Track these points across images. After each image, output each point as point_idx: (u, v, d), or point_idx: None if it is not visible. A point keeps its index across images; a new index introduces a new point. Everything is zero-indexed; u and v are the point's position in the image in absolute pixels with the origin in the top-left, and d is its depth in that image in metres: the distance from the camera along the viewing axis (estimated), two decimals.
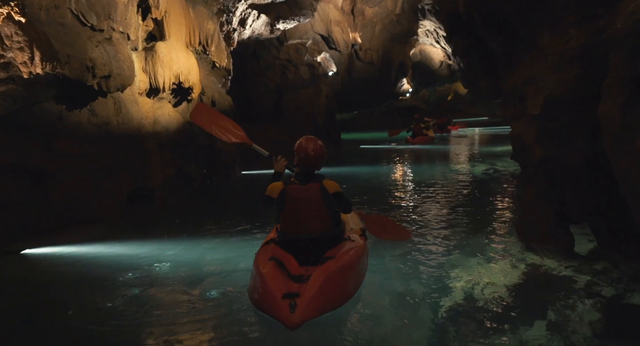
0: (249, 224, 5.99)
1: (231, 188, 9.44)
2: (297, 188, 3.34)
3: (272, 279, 2.92)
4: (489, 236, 5.07)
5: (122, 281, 4.10)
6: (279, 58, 15.16)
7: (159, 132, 6.85)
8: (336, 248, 3.32)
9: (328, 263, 3.06)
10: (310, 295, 2.78)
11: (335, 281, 2.97)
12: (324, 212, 3.36)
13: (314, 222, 3.34)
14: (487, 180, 8.95)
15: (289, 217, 3.37)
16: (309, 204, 3.32)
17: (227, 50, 10.08)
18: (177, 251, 4.91)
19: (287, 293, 2.81)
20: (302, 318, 2.68)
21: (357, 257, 3.34)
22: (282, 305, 2.73)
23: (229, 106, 10.24)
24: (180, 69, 7.00)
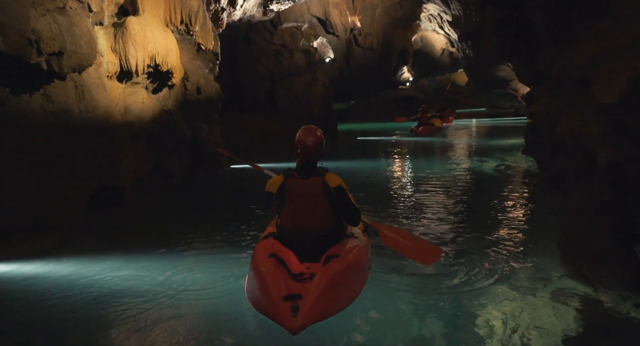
0: (237, 230, 5.13)
1: (218, 184, 8.54)
2: (298, 182, 3.15)
3: (272, 279, 2.73)
4: (520, 254, 4.22)
5: (74, 314, 3.23)
6: (273, 43, 14.17)
7: (131, 122, 5.92)
8: (339, 245, 3.15)
9: (332, 263, 2.88)
10: (314, 297, 2.58)
11: (339, 282, 2.78)
12: (326, 208, 3.16)
13: (315, 217, 3.16)
14: (500, 179, 8.10)
15: (289, 212, 3.19)
16: (310, 199, 3.14)
17: (215, 31, 9.10)
18: (147, 269, 4.02)
19: (289, 294, 2.60)
20: (304, 321, 2.48)
21: (361, 255, 3.18)
22: (283, 307, 2.54)
23: (217, 94, 9.29)
24: (157, 49, 6.05)
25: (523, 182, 7.42)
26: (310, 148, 3.18)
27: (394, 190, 7.30)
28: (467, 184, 7.58)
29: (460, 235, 4.88)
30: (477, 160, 10.45)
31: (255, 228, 5.20)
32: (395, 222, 5.34)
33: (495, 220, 5.38)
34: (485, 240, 4.68)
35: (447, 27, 15.79)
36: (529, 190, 6.89)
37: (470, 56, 14.47)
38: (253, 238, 4.86)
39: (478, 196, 6.73)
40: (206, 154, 8.77)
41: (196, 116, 8.74)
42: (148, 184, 6.37)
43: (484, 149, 12.43)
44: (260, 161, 10.83)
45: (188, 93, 8.41)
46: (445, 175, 8.44)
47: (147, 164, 6.26)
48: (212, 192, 7.96)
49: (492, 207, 5.99)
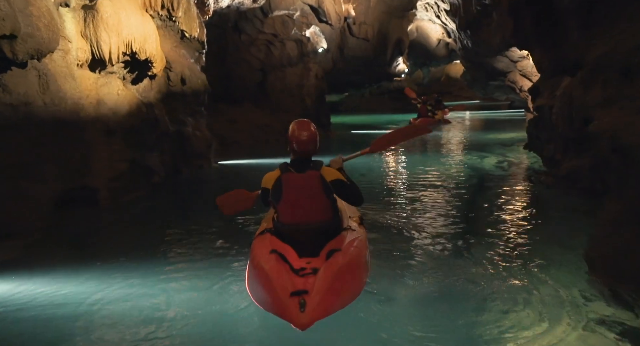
0: (226, 232, 4.65)
1: (204, 182, 8.00)
2: (294, 176, 3.11)
3: (277, 276, 2.67)
4: (537, 268, 3.75)
5: (30, 341, 2.74)
6: (263, 32, 13.53)
7: (104, 116, 5.36)
8: (338, 239, 3.09)
9: (335, 257, 2.82)
10: (321, 292, 2.52)
11: (345, 276, 2.74)
12: (324, 201, 3.13)
13: (313, 211, 3.13)
14: (504, 177, 7.63)
15: (286, 207, 3.14)
16: (307, 193, 3.10)
17: (200, 18, 8.50)
18: (124, 284, 3.51)
19: (295, 290, 2.54)
20: (313, 316, 2.44)
21: (362, 248, 3.15)
22: (290, 303, 2.48)
23: (203, 85, 8.72)
24: (133, 35, 5.48)
25: (529, 180, 6.96)
26: (306, 143, 3.13)
27: (392, 190, 6.81)
28: (469, 183, 7.10)
29: (466, 242, 4.41)
30: (476, 155, 9.99)
31: (246, 229, 4.72)
32: (396, 228, 4.86)
33: (503, 226, 4.91)
34: (494, 249, 4.21)
35: (444, 16, 15.23)
36: (537, 190, 6.43)
37: (468, 46, 13.93)
38: (245, 241, 4.36)
39: (482, 197, 6.26)
40: (191, 149, 8.23)
41: (180, 109, 8.18)
42: (126, 183, 5.82)
43: (483, 144, 11.98)
44: (251, 155, 10.30)
45: (171, 84, 7.85)
46: (444, 173, 7.96)
47: (124, 162, 5.71)
48: (197, 190, 7.42)
49: (499, 210, 5.53)
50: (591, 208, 5.24)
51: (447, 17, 15.09)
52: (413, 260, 3.97)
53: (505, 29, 4.69)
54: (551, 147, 6.89)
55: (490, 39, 10.96)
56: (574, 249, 4.12)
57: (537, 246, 4.29)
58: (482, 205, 5.78)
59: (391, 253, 4.12)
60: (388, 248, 4.29)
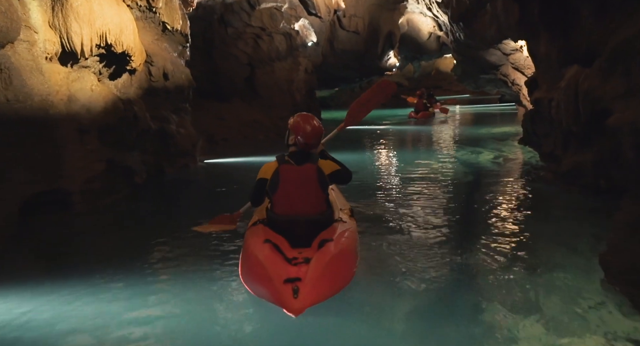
0: (213, 238, 4.29)
1: (190, 182, 7.64)
2: (292, 168, 3.20)
3: (270, 263, 2.76)
4: (544, 272, 3.48)
5: None
6: (251, 25, 13.13)
7: (77, 113, 4.97)
8: (329, 230, 3.18)
9: (327, 246, 2.92)
10: (314, 280, 2.63)
11: (336, 265, 2.85)
12: (319, 195, 3.24)
13: (308, 203, 3.22)
14: (501, 173, 7.36)
15: (282, 198, 3.21)
16: (303, 185, 3.19)
17: (183, 9, 8.10)
18: (98, 302, 3.15)
19: (289, 278, 2.64)
20: (305, 302, 2.53)
21: (352, 239, 3.23)
22: (284, 290, 2.58)
23: (187, 80, 8.33)
24: (107, 26, 5.09)
25: (528, 177, 6.70)
26: (311, 136, 3.20)
27: (384, 189, 6.49)
28: (464, 181, 6.82)
29: (464, 244, 4.13)
30: (470, 151, 9.73)
31: (235, 233, 4.38)
32: (389, 231, 4.56)
33: (502, 225, 4.63)
34: (494, 251, 3.93)
35: (436, 9, 14.93)
36: (537, 186, 6.16)
37: (460, 39, 13.65)
38: (236, 246, 4.05)
39: (479, 195, 5.98)
40: (175, 148, 7.85)
41: (163, 106, 7.79)
42: (103, 185, 5.45)
43: (476, 139, 11.73)
44: (239, 152, 9.94)
45: (153, 79, 7.45)
46: (439, 170, 7.68)
47: (101, 162, 5.34)
48: (182, 190, 7.07)
49: (497, 209, 5.25)
50: (595, 206, 5.01)
51: (439, 10, 14.79)
52: (406, 266, 3.67)
53: (509, 16, 4.44)
54: (550, 142, 6.63)
55: (484, 30, 10.68)
56: (581, 252, 3.87)
57: (541, 248, 4.01)
58: (479, 204, 5.50)
59: (385, 260, 3.83)
60: (382, 252, 4.00)
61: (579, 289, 3.14)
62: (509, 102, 21.47)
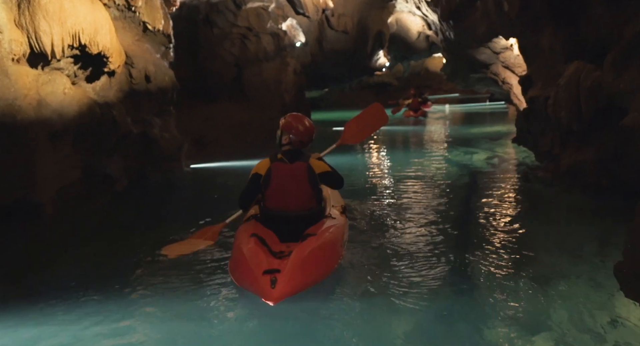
0: (198, 253, 3.99)
1: (175, 188, 7.33)
2: (284, 165, 3.38)
3: (252, 256, 2.95)
4: (549, 281, 3.26)
5: None
6: (237, 25, 12.82)
7: (48, 119, 4.65)
8: (317, 225, 3.34)
9: (309, 240, 3.10)
10: (291, 271, 2.80)
11: (315, 258, 3.00)
12: (309, 191, 3.41)
13: (298, 199, 3.39)
14: (497, 174, 7.16)
15: (273, 194, 3.40)
16: (294, 182, 3.37)
17: (165, 9, 7.79)
18: (68, 331, 2.82)
19: (268, 269, 2.82)
20: (282, 293, 2.71)
21: (336, 234, 3.39)
22: (262, 280, 2.76)
23: (170, 82, 8.00)
24: (80, 25, 4.78)
25: (525, 177, 6.48)
26: (303, 134, 3.40)
27: (376, 192, 6.23)
28: (459, 182, 6.59)
29: (461, 251, 3.89)
30: (463, 151, 9.53)
31: (226, 241, 4.10)
32: (383, 239, 4.30)
33: (501, 230, 4.41)
34: (493, 258, 3.72)
35: (425, 7, 14.75)
36: (535, 187, 5.96)
37: (450, 38, 13.48)
38: (222, 260, 3.78)
39: (475, 197, 5.76)
40: (159, 152, 7.52)
41: (145, 108, 7.46)
42: (79, 193, 5.14)
43: (468, 138, 11.55)
44: (228, 154, 9.64)
45: (134, 81, 7.12)
46: (432, 172, 7.46)
47: (76, 169, 5.02)
48: (166, 197, 6.77)
49: (495, 212, 5.03)
50: (598, 207, 4.80)
51: (428, 8, 14.62)
52: (402, 276, 3.43)
53: (500, 12, 4.24)
54: (547, 141, 6.44)
55: (474, 28, 10.49)
56: (589, 259, 3.64)
57: (544, 255, 3.79)
58: (476, 208, 5.28)
59: (379, 270, 3.57)
60: (376, 262, 3.76)
61: (592, 302, 2.91)
62: (499, 101, 21.44)
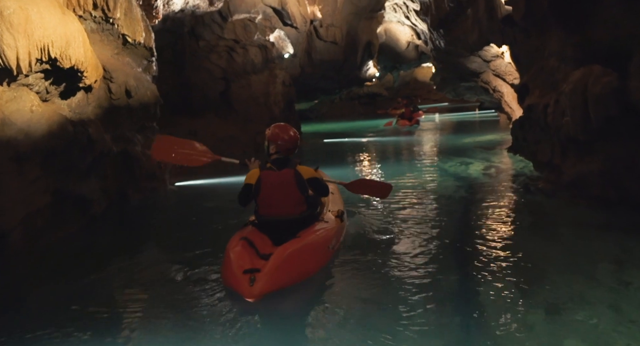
0: (188, 276, 3.62)
1: (157, 208, 6.95)
2: (272, 173, 3.59)
3: (236, 257, 3.19)
4: (566, 310, 2.93)
5: None
6: (223, 38, 12.56)
7: (12, 139, 4.28)
8: (308, 228, 3.56)
9: (291, 242, 3.32)
10: (268, 270, 3.02)
11: (294, 259, 3.20)
12: (298, 196, 3.60)
13: (287, 204, 3.59)
14: (495, 186, 6.87)
15: (265, 200, 3.61)
16: (283, 188, 3.57)
17: (146, 21, 7.48)
18: None
19: (248, 268, 3.05)
20: (260, 290, 2.91)
21: (324, 237, 3.59)
22: (242, 279, 2.99)
23: (153, 97, 7.67)
24: (50, 38, 4.45)
25: (525, 189, 6.20)
26: (288, 143, 3.64)
27: (370, 207, 5.89)
28: (458, 196, 6.27)
29: (464, 275, 3.57)
30: (459, 162, 9.26)
31: (213, 267, 3.74)
32: (378, 258, 3.97)
33: (506, 248, 4.09)
34: (502, 283, 3.39)
35: (414, 17, 14.64)
36: (537, 199, 5.66)
37: (440, 47, 13.35)
38: (209, 292, 3.42)
39: (475, 212, 5.45)
40: (140, 171, 7.15)
41: (126, 125, 7.11)
42: (49, 219, 4.75)
43: (462, 148, 11.31)
44: (216, 170, 9.26)
45: (114, 97, 6.78)
46: (428, 184, 7.16)
47: (46, 193, 4.63)
48: (149, 219, 6.38)
49: (497, 228, 4.72)
50: (607, 221, 4.50)
51: (417, 18, 14.52)
52: (399, 303, 3.09)
53: (517, 7, 4.03)
54: (546, 150, 6.18)
55: (465, 36, 10.35)
56: (603, 281, 3.33)
57: (554, 277, 3.47)
58: (475, 222, 4.97)
59: (373, 295, 3.23)
60: (370, 282, 3.43)
61: (617, 333, 2.58)
62: (488, 109, 21.39)
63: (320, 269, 3.46)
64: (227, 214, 5.84)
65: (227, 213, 5.88)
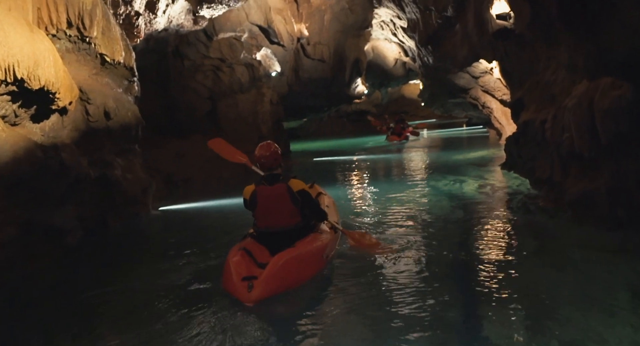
0: (172, 329, 3.24)
1: (139, 235, 6.55)
2: (266, 188, 3.86)
3: (235, 265, 3.50)
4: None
5: None
6: (209, 57, 12.36)
7: None
8: (303, 239, 3.82)
9: (286, 251, 3.59)
10: (265, 277, 3.34)
11: (289, 267, 3.49)
12: (291, 208, 3.84)
13: (282, 217, 3.85)
14: (493, 206, 6.57)
15: (260, 214, 3.89)
16: (277, 201, 3.82)
17: (126, 40, 7.21)
18: None
19: (247, 276, 3.38)
20: (257, 296, 3.26)
21: (317, 247, 3.86)
22: (241, 285, 3.34)
23: (134, 118, 7.36)
24: (16, 58, 4.13)
25: (525, 208, 5.92)
26: (268, 160, 3.89)
27: (365, 228, 5.57)
28: (455, 218, 5.93)
29: (467, 307, 3.26)
30: (452, 180, 8.99)
31: (198, 297, 3.39)
32: (372, 285, 3.64)
33: (514, 277, 3.79)
34: (516, 316, 3.09)
35: (402, 34, 14.61)
36: (539, 220, 5.38)
37: (428, 63, 13.27)
38: (202, 327, 3.07)
39: (476, 236, 5.15)
40: (121, 196, 6.77)
41: (105, 148, 6.77)
42: (16, 253, 4.35)
43: (454, 165, 11.08)
44: (202, 192, 8.90)
45: (92, 119, 6.46)
46: (424, 205, 6.87)
47: (11, 225, 4.25)
48: (129, 247, 5.95)
49: (502, 253, 4.42)
50: (618, 243, 4.22)
51: (405, 35, 14.49)
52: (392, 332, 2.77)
53: (521, 15, 3.86)
54: (545, 166, 5.95)
55: (455, 51, 10.24)
56: (626, 317, 3.03)
57: (569, 309, 3.16)
58: (474, 247, 4.67)
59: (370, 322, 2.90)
60: (364, 313, 3.10)
61: None
62: (476, 125, 21.40)
63: (313, 276, 3.74)
64: (213, 240, 5.54)
65: (213, 240, 5.59)
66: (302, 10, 13.55)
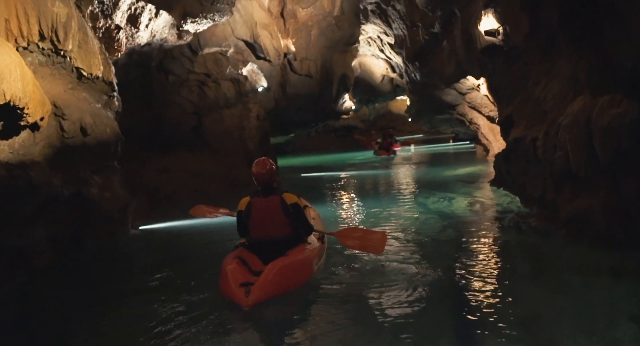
0: None
1: (116, 256, 6.22)
2: (260, 200, 4.11)
3: (233, 272, 3.74)
4: None
5: None
6: (194, 72, 12.14)
7: None
8: (294, 248, 4.08)
9: (280, 259, 3.84)
10: (261, 283, 3.59)
11: (283, 273, 3.75)
12: (284, 220, 4.09)
13: (275, 227, 4.09)
14: (483, 224, 6.38)
15: (254, 224, 4.11)
16: (270, 213, 4.06)
17: (105, 54, 6.97)
18: None
19: (244, 282, 3.63)
20: (254, 300, 3.50)
21: (308, 256, 4.15)
22: (238, 291, 3.58)
23: (113, 134, 7.07)
24: None
25: (517, 227, 5.75)
26: (264, 177, 4.14)
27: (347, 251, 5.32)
28: (445, 238, 5.72)
29: (465, 335, 3.02)
30: (441, 197, 8.82)
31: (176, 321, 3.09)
32: (360, 310, 3.39)
33: (510, 302, 3.57)
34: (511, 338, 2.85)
35: (389, 50, 14.60)
36: (532, 240, 5.20)
37: (416, 79, 13.25)
38: None
39: (468, 257, 4.92)
40: (97, 215, 6.44)
41: (81, 165, 6.46)
42: None
43: (442, 182, 10.92)
44: (186, 210, 8.59)
45: (66, 135, 6.17)
46: (412, 223, 6.67)
47: None
48: (104, 268, 5.64)
49: (495, 276, 4.22)
50: (618, 265, 4.03)
51: (392, 51, 14.50)
52: None
53: (519, 27, 3.75)
54: (537, 184, 5.80)
55: (442, 68, 10.21)
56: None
57: (567, 341, 2.94)
58: (466, 269, 4.44)
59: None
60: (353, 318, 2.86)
61: None
62: (463, 141, 21.47)
63: (305, 283, 4.00)
64: (194, 260, 5.32)
65: (194, 260, 5.39)
66: (289, 25, 13.48)
